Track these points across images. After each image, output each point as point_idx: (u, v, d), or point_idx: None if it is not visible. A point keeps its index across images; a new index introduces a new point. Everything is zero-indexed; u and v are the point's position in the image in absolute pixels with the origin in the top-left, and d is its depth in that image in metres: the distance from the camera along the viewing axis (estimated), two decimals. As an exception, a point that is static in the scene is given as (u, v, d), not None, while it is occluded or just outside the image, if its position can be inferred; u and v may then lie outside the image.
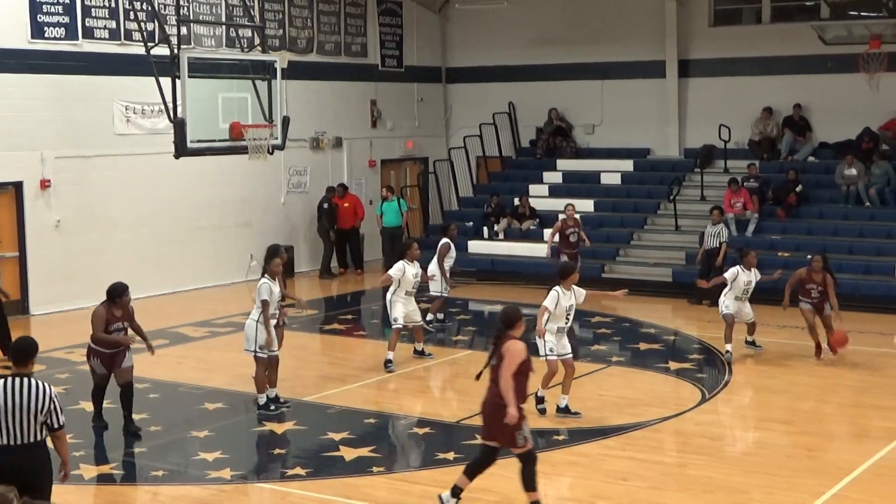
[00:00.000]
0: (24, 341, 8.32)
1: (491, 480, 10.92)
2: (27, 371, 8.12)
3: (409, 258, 15.55)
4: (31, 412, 7.97)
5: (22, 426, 7.95)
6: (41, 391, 8.04)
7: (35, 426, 8.01)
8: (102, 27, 20.60)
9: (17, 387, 7.99)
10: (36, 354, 8.32)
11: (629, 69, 26.18)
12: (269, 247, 13.93)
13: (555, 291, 12.73)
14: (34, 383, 8.04)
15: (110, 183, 20.90)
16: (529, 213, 24.66)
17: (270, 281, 13.28)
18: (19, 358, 8.18)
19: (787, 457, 11.67)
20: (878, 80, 21.89)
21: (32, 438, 8.01)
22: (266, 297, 13.13)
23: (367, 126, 26.64)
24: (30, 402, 7.97)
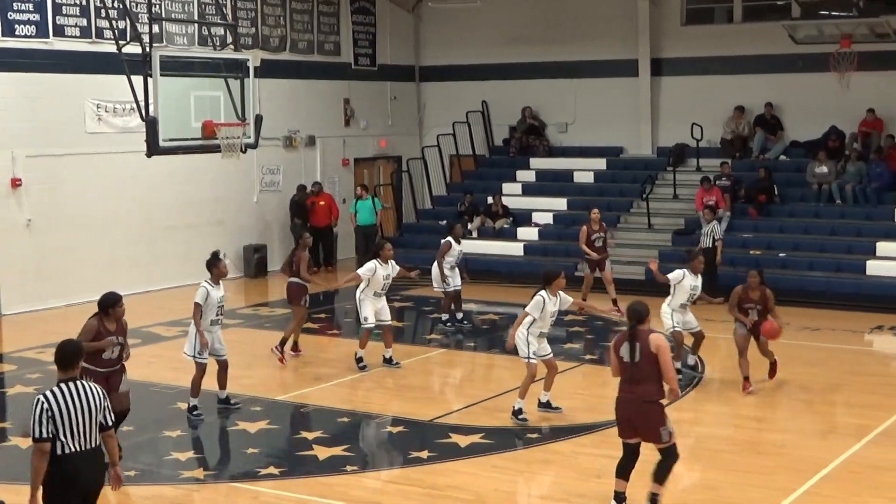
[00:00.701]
0: (67, 346, 8.03)
1: (462, 478, 10.94)
2: (73, 375, 7.89)
3: (381, 258, 15.38)
4: (92, 415, 7.80)
5: (86, 431, 7.76)
6: (95, 392, 7.89)
7: (96, 429, 7.85)
8: (73, 25, 20.48)
9: (73, 391, 7.77)
10: (81, 358, 8.14)
11: (602, 68, 26.24)
12: (213, 252, 13.66)
13: (540, 297, 12.51)
14: (87, 386, 7.89)
15: (82, 182, 20.79)
16: (503, 211, 24.69)
17: (210, 285, 13.15)
18: (64, 363, 7.91)
19: (758, 454, 11.74)
20: (849, 80, 22.05)
21: (95, 443, 7.86)
22: (199, 300, 13.01)
23: (340, 125, 26.60)
24: (90, 404, 7.80)
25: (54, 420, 7.63)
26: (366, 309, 15.31)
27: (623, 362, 9.63)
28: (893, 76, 23.19)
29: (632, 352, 9.56)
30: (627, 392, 9.64)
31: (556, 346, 16.60)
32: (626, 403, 9.65)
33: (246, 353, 16.30)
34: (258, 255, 24.17)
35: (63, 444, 7.66)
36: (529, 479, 11.02)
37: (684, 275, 14.64)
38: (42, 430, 7.63)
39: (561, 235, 24.06)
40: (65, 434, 7.67)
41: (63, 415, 7.66)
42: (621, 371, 9.70)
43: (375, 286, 15.28)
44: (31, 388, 14.77)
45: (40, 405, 7.66)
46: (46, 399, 7.68)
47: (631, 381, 9.60)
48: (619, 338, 9.77)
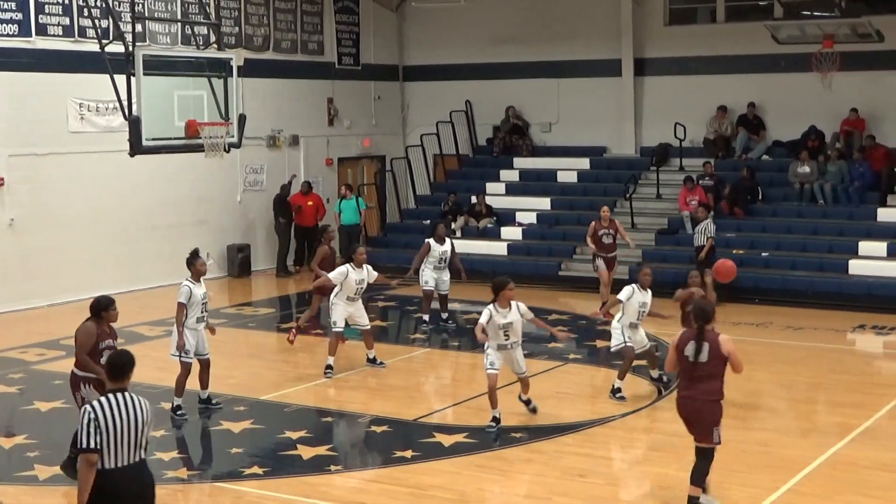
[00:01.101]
0: (120, 356, 7.80)
1: (446, 478, 10.95)
2: (125, 386, 7.62)
3: (355, 262, 15.12)
4: (138, 429, 7.50)
5: (131, 444, 7.47)
6: (143, 406, 7.60)
7: (140, 444, 7.54)
8: (56, 24, 20.41)
9: (122, 403, 7.49)
10: (133, 368, 7.77)
11: (585, 68, 26.28)
12: (192, 250, 13.62)
13: (486, 310, 12.19)
14: (136, 398, 7.59)
15: (65, 181, 20.72)
16: (486, 211, 24.71)
17: (192, 283, 13.15)
18: (117, 373, 7.65)
19: (741, 452, 11.77)
20: (831, 80, 22.12)
21: (139, 457, 7.55)
22: (183, 299, 13.00)
23: (323, 124, 26.57)
24: (136, 418, 7.50)
25: (100, 432, 7.36)
26: (336, 313, 15.12)
27: (687, 361, 9.68)
28: (875, 76, 23.30)
29: (698, 351, 9.62)
30: (689, 390, 9.74)
31: (540, 345, 16.68)
32: (686, 401, 9.78)
33: (230, 353, 16.28)
34: (241, 254, 24.13)
35: (107, 459, 7.40)
36: (513, 479, 11.04)
37: (633, 291, 13.88)
38: (89, 441, 7.35)
39: (545, 235, 24.10)
40: (108, 447, 7.39)
41: (108, 427, 7.38)
42: (683, 369, 9.77)
43: (348, 291, 15.06)
44: (14, 388, 14.74)
45: (87, 415, 7.39)
46: (93, 409, 7.40)
47: (693, 380, 9.68)
48: (684, 337, 9.82)
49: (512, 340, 12.40)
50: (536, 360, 15.90)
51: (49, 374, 15.31)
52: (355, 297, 15.17)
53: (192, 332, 13.11)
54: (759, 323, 18.61)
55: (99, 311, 10.89)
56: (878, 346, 17.88)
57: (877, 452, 11.64)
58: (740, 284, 20.26)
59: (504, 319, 12.17)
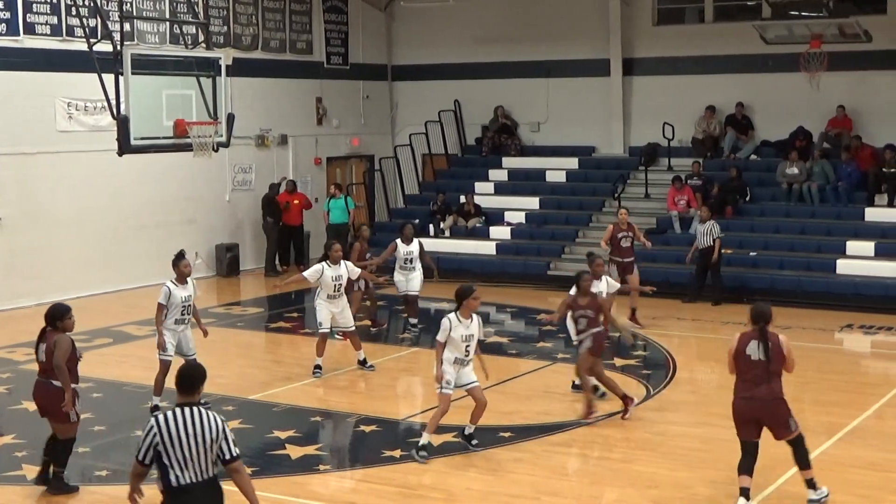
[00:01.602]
0: (190, 369, 7.54)
1: (435, 477, 10.96)
2: (194, 400, 7.34)
3: (331, 259, 15.03)
4: (205, 444, 7.20)
5: (199, 461, 7.19)
6: (212, 418, 7.29)
7: (210, 460, 7.24)
8: (44, 23, 20.37)
9: (188, 418, 7.20)
10: (204, 382, 7.49)
11: (574, 67, 26.31)
12: (178, 251, 13.53)
13: (447, 320, 11.35)
14: (204, 413, 7.29)
15: (53, 180, 20.68)
16: (475, 210, 24.72)
17: (174, 285, 13.11)
18: (186, 386, 7.37)
19: (730, 451, 11.76)
20: (819, 80, 22.17)
21: (209, 474, 7.27)
22: (162, 300, 12.99)
23: (312, 123, 26.55)
24: (203, 433, 7.20)
25: (164, 447, 7.14)
26: (321, 314, 15.07)
27: (750, 361, 9.87)
28: (863, 76, 23.38)
29: (764, 351, 9.86)
30: (753, 391, 9.89)
31: (527, 344, 16.70)
32: (751, 404, 9.93)
33: (218, 353, 16.25)
34: (230, 253, 24.11)
35: (176, 476, 7.17)
36: (501, 478, 11.04)
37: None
38: (143, 454, 7.23)
39: (533, 235, 24.13)
40: (176, 463, 7.16)
41: (174, 442, 7.15)
42: (745, 370, 9.92)
43: (327, 289, 14.98)
44: (2, 388, 14.70)
45: (150, 429, 7.21)
46: (157, 423, 7.20)
47: (757, 380, 9.87)
48: (744, 337, 10.01)
49: (470, 356, 11.54)
50: (525, 359, 15.93)
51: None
52: (335, 294, 15.05)
53: (171, 332, 13.08)
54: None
55: (55, 320, 10.64)
56: (866, 345, 17.93)
57: (864, 452, 11.68)
58: (728, 284, 20.37)
59: (466, 331, 11.36)
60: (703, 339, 17.62)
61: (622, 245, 18.40)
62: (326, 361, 15.23)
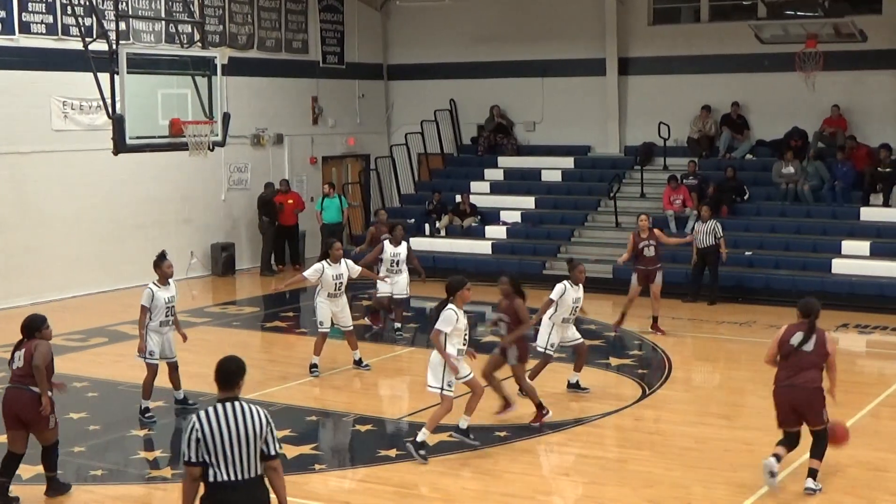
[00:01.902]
0: (228, 363, 7.28)
1: (431, 477, 10.95)
2: (235, 395, 7.14)
3: (331, 258, 15.01)
4: (249, 440, 6.98)
5: (242, 458, 6.96)
6: (255, 413, 7.09)
7: (255, 457, 7.01)
8: (39, 22, 20.35)
9: (230, 413, 7.03)
10: (244, 376, 7.27)
11: (570, 67, 26.32)
12: (159, 252, 13.45)
13: (451, 312, 11.23)
14: (247, 407, 7.08)
15: (48, 180, 20.66)
16: (471, 210, 24.72)
17: (157, 287, 13.07)
18: (225, 381, 7.18)
19: (726, 451, 11.81)
20: (814, 79, 22.19)
21: (254, 472, 7.01)
22: (145, 302, 12.95)
23: (308, 123, 26.54)
24: (247, 428, 6.99)
25: (206, 444, 6.94)
26: (321, 313, 15.06)
27: (793, 351, 10.32)
28: (858, 76, 23.41)
29: (805, 340, 10.34)
30: (792, 380, 10.33)
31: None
32: (792, 392, 10.35)
33: (214, 352, 16.19)
34: (226, 253, 24.09)
35: (215, 472, 6.94)
36: (497, 478, 11.03)
37: (565, 288, 13.68)
38: (190, 454, 6.97)
39: (529, 234, 24.13)
40: (217, 460, 6.93)
41: (215, 439, 6.94)
42: (788, 359, 10.36)
43: (328, 288, 14.98)
44: (-3, 388, 14.67)
45: (191, 426, 7.01)
46: (199, 420, 7.01)
47: (795, 368, 10.31)
48: (791, 328, 10.49)
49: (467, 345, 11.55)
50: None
51: (32, 374, 15.23)
52: (336, 293, 15.06)
53: (156, 334, 13.06)
54: (743, 322, 18.66)
55: (33, 331, 10.46)
56: (861, 344, 17.94)
57: (860, 451, 11.67)
58: (724, 283, 20.38)
59: (464, 321, 11.37)
60: (699, 339, 17.62)
61: (645, 254, 17.68)
62: (322, 361, 15.22)
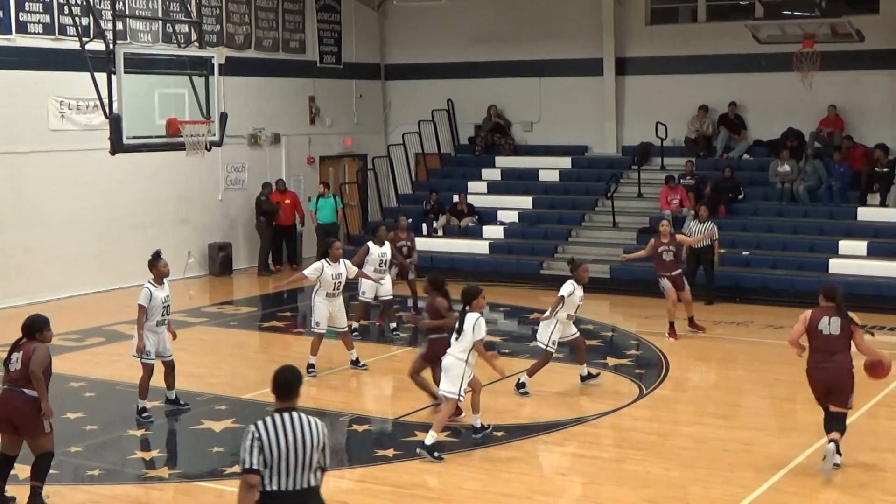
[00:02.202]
0: (286, 373, 7.20)
1: (428, 477, 10.95)
2: (293, 405, 7.09)
3: (330, 257, 15.04)
4: (307, 451, 6.93)
5: (299, 468, 6.90)
6: (314, 424, 7.05)
7: (311, 467, 6.96)
8: (36, 21, 20.33)
9: (288, 424, 6.98)
10: (301, 385, 7.24)
11: (567, 67, 26.32)
12: (154, 251, 13.47)
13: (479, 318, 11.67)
14: (306, 419, 7.05)
15: (45, 179, 20.64)
16: (468, 210, 24.72)
17: (153, 286, 13.07)
18: (284, 391, 7.13)
19: (723, 451, 11.81)
20: (812, 79, 22.18)
21: (308, 482, 6.95)
22: (143, 302, 12.94)
23: (305, 123, 26.53)
24: (305, 439, 6.95)
25: (265, 453, 6.86)
26: (318, 313, 15.04)
27: (823, 335, 10.86)
28: (855, 76, 23.42)
29: (839, 326, 10.87)
30: (824, 363, 10.88)
31: (521, 343, 16.70)
32: (826, 372, 10.90)
33: (211, 352, 16.26)
34: (223, 253, 24.08)
35: (271, 481, 6.88)
36: (494, 477, 11.04)
37: (573, 287, 14.03)
38: (252, 461, 6.85)
39: (526, 234, 24.13)
40: (274, 470, 6.87)
41: (273, 448, 6.88)
42: (819, 343, 10.89)
43: (326, 287, 14.99)
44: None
45: (251, 434, 6.92)
46: (258, 429, 6.93)
47: (827, 352, 10.85)
48: (817, 313, 10.97)
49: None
50: (518, 358, 15.92)
51: (29, 374, 15.23)
52: (334, 293, 15.07)
53: (152, 333, 13.05)
54: (740, 322, 18.67)
55: (34, 331, 10.29)
56: (858, 344, 17.92)
57: (856, 451, 11.68)
58: (721, 283, 20.38)
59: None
60: (696, 339, 17.62)
61: (664, 259, 17.44)
62: (319, 361, 15.21)
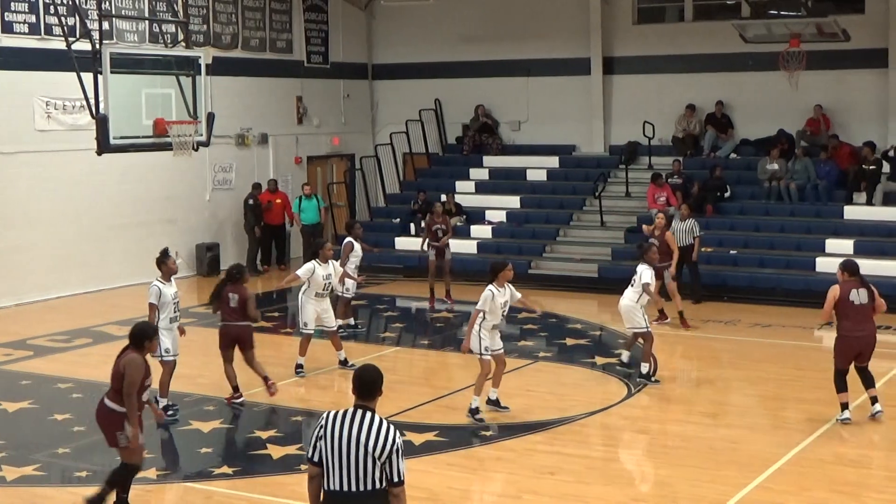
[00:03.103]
0: (368, 373, 6.91)
1: (416, 476, 10.95)
2: (371, 406, 6.79)
3: (321, 258, 15.12)
4: (362, 452, 6.60)
5: (354, 468, 6.60)
6: (383, 430, 6.67)
7: (373, 471, 6.60)
8: (22, 21, 20.27)
9: (355, 420, 6.71)
10: (382, 385, 6.92)
11: (554, 66, 26.35)
12: (162, 249, 13.51)
13: (488, 291, 12.72)
14: (376, 419, 6.71)
15: (31, 180, 20.58)
16: (456, 209, 24.71)
17: (162, 283, 13.03)
18: (364, 391, 6.84)
19: (711, 449, 11.84)
20: (798, 79, 22.24)
21: (370, 486, 6.61)
22: (153, 300, 12.88)
23: (292, 123, 26.50)
24: (364, 440, 6.62)
25: (323, 446, 6.68)
26: (306, 313, 15.10)
27: (854, 305, 12.24)
28: (842, 75, 23.49)
29: (868, 295, 12.31)
30: (859, 330, 12.34)
31: (509, 343, 16.67)
32: (861, 339, 12.39)
33: (199, 353, 16.20)
34: (210, 253, 24.03)
35: (330, 478, 6.66)
36: (483, 477, 11.05)
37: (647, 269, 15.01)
38: (310, 450, 6.76)
39: (514, 233, 24.14)
40: (331, 465, 6.65)
41: (329, 442, 6.67)
42: (852, 313, 12.25)
43: (316, 287, 15.04)
44: (-19, 389, 14.63)
45: (318, 425, 6.77)
46: (325, 419, 6.76)
47: (860, 320, 12.31)
48: (845, 287, 12.33)
49: (503, 322, 13.27)
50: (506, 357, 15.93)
51: (16, 375, 15.22)
52: (323, 293, 15.12)
53: (167, 331, 12.97)
54: (727, 321, 18.71)
55: (143, 340, 9.85)
56: (845, 343, 17.98)
57: (843, 448, 11.74)
58: (709, 282, 20.42)
59: (503, 298, 12.87)
60: (683, 338, 17.66)
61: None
62: (308, 361, 15.21)
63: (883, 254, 20.50)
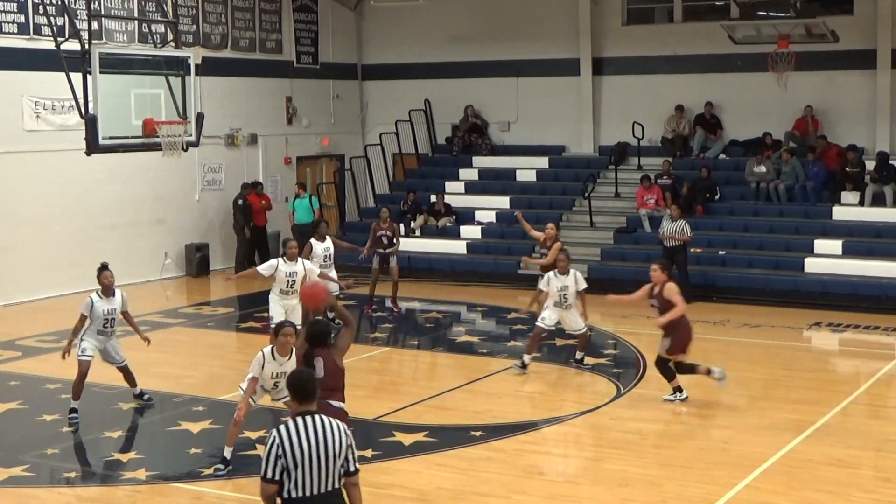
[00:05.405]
0: (299, 376, 7.02)
1: (406, 476, 10.96)
2: (312, 409, 6.85)
3: (287, 256, 15.15)
4: (329, 456, 6.72)
5: (322, 473, 6.70)
6: (336, 429, 6.81)
7: (334, 472, 6.75)
8: (11, 21, 20.23)
9: (310, 427, 6.74)
10: (317, 390, 6.99)
11: (544, 67, 26.36)
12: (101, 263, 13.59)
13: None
14: (328, 422, 6.81)
15: (20, 180, 20.53)
16: (445, 210, 24.73)
17: (98, 297, 13.14)
18: (301, 394, 6.88)
19: (700, 449, 11.86)
20: (787, 79, 22.31)
21: (333, 485, 6.76)
22: (84, 311, 13.01)
23: (282, 123, 26.49)
24: (328, 444, 6.71)
25: (286, 459, 6.67)
26: (273, 310, 15.14)
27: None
28: (830, 76, 23.55)
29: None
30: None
31: (499, 343, 16.71)
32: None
33: (188, 353, 16.22)
34: (200, 253, 23.99)
35: (293, 488, 6.69)
36: (472, 477, 11.05)
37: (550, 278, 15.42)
38: (268, 469, 6.70)
39: (504, 234, 24.14)
40: (297, 475, 6.68)
41: (296, 454, 6.68)
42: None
43: (280, 284, 15.07)
44: (-31, 390, 14.59)
45: (272, 441, 6.73)
46: (279, 434, 6.72)
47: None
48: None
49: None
50: (496, 358, 15.96)
51: (5, 375, 15.18)
52: (288, 290, 15.08)
53: (94, 339, 13.12)
54: (716, 321, 18.74)
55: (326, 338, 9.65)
56: (834, 343, 18.06)
57: (832, 448, 11.76)
58: (698, 282, 20.46)
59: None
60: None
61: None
62: (297, 361, 15.17)
63: (871, 254, 20.57)
